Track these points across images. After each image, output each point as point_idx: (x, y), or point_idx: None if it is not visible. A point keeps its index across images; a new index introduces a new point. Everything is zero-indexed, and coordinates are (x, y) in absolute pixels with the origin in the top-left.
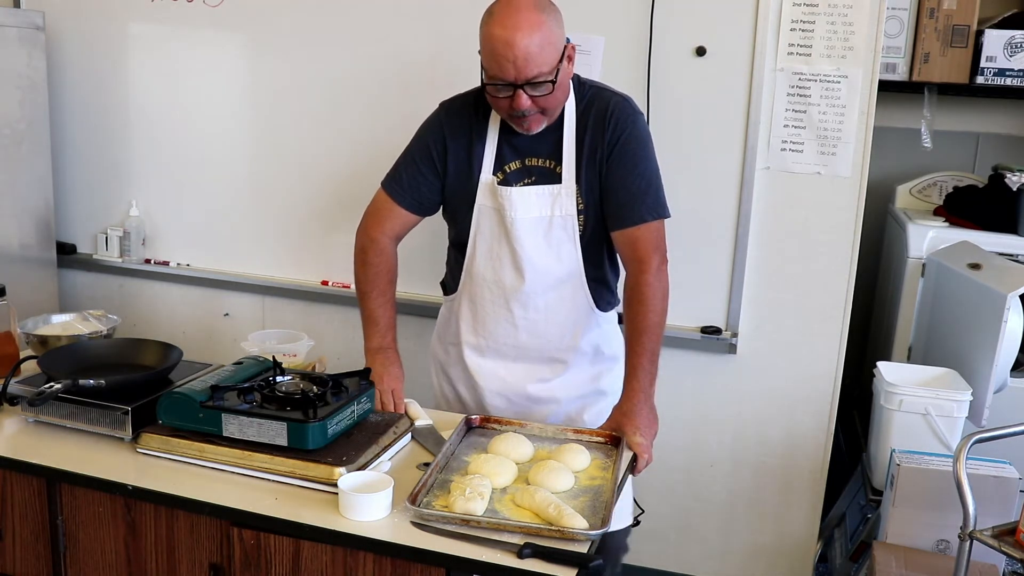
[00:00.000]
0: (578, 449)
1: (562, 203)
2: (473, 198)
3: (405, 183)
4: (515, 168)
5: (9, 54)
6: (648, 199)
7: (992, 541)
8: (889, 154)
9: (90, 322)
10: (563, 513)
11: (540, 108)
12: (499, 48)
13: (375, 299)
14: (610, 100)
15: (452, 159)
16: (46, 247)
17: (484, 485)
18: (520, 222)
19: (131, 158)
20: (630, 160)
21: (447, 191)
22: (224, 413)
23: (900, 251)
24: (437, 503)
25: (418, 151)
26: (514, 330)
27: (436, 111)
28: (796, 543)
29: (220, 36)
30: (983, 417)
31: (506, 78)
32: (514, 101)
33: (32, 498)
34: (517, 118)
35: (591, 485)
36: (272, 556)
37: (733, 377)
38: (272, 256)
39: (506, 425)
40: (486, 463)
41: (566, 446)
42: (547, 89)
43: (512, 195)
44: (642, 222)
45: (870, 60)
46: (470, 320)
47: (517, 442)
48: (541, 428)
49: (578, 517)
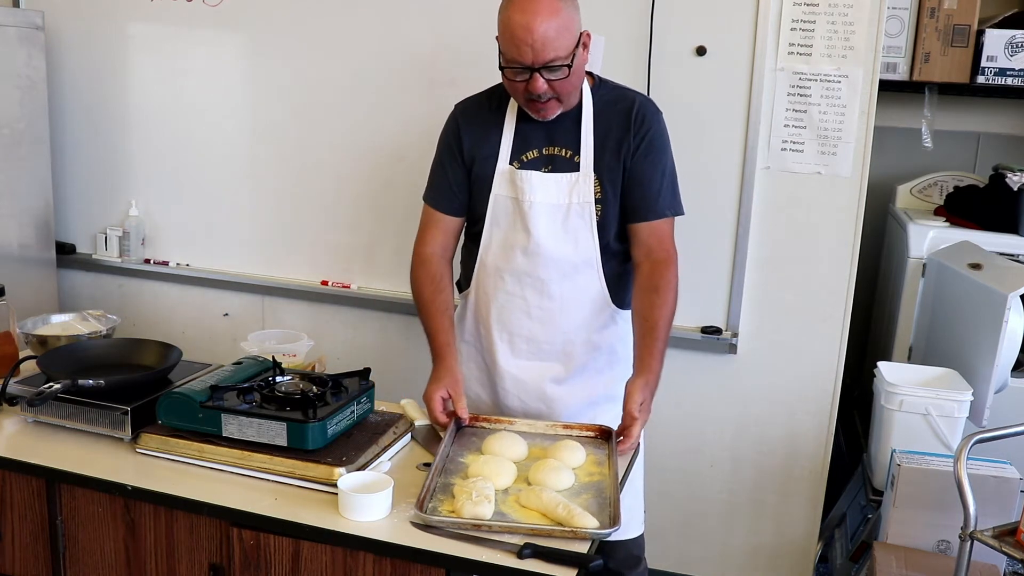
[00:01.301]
0: (573, 446)
1: (580, 190)
2: (490, 188)
3: (442, 188)
4: (532, 157)
5: (8, 54)
6: (669, 195)
7: (993, 541)
8: (889, 154)
9: (89, 322)
10: (573, 513)
11: (556, 93)
12: (518, 32)
13: (425, 313)
14: (635, 98)
15: (470, 151)
16: (46, 247)
17: (487, 488)
18: (538, 207)
19: (131, 158)
20: (656, 156)
21: (469, 182)
22: (224, 413)
23: (900, 251)
24: (443, 508)
25: (443, 154)
26: (528, 320)
27: (451, 113)
28: (796, 543)
29: (220, 36)
30: (984, 417)
31: (524, 61)
32: (530, 85)
33: (32, 498)
34: (533, 103)
35: (591, 481)
36: (272, 556)
37: (733, 377)
38: (272, 256)
39: (495, 423)
40: (485, 464)
41: (561, 443)
42: (563, 73)
43: (532, 179)
44: (663, 216)
45: (870, 60)
46: (484, 312)
47: (511, 441)
48: (531, 425)
49: (588, 516)
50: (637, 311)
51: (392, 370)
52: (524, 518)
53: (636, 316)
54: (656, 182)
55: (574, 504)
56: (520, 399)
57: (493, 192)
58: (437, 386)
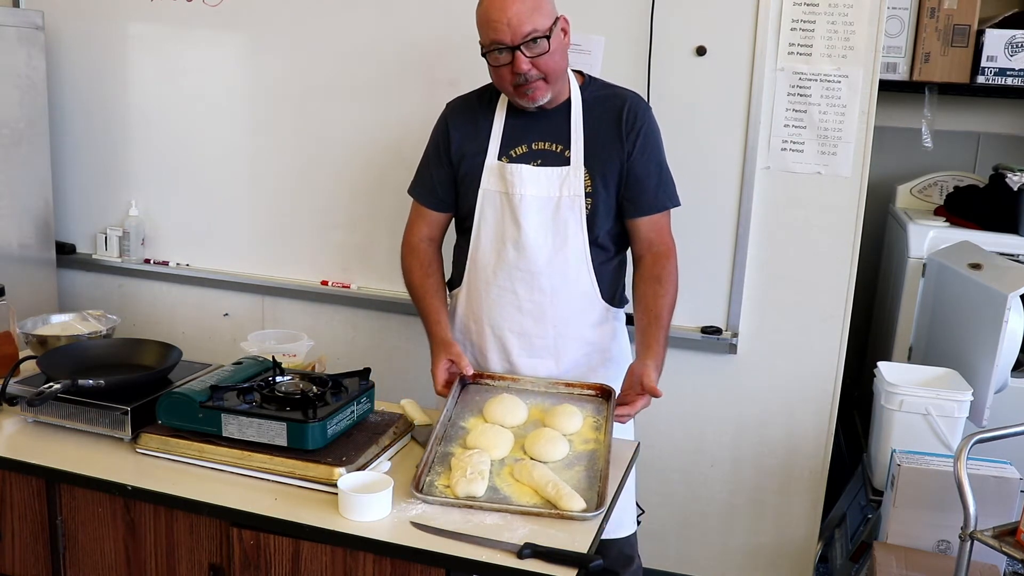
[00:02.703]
0: (571, 411)
1: (570, 183)
2: (479, 183)
3: (425, 184)
4: (521, 152)
5: (8, 54)
6: (666, 188)
7: (993, 541)
8: (889, 154)
9: (89, 322)
10: (561, 493)
11: (541, 73)
12: (493, 13)
13: (417, 296)
14: (625, 95)
15: (457, 148)
16: (45, 247)
17: (483, 462)
18: (528, 199)
19: (130, 158)
20: (650, 152)
21: (456, 179)
22: (224, 413)
23: (900, 251)
24: (440, 482)
25: (430, 151)
26: (519, 314)
27: (443, 111)
28: (796, 543)
29: (220, 36)
30: (984, 417)
31: (503, 40)
32: (514, 65)
33: (32, 498)
34: (520, 88)
35: (585, 450)
36: (272, 556)
37: (733, 377)
38: (272, 256)
39: (499, 380)
40: (483, 435)
41: (559, 408)
42: (543, 48)
43: (522, 172)
44: (663, 209)
45: (870, 60)
46: (475, 308)
47: (512, 406)
48: (533, 382)
49: (576, 498)
50: (640, 301)
51: (392, 370)
52: (517, 494)
53: (639, 306)
54: (653, 177)
55: (563, 484)
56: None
57: (482, 187)
58: (438, 358)
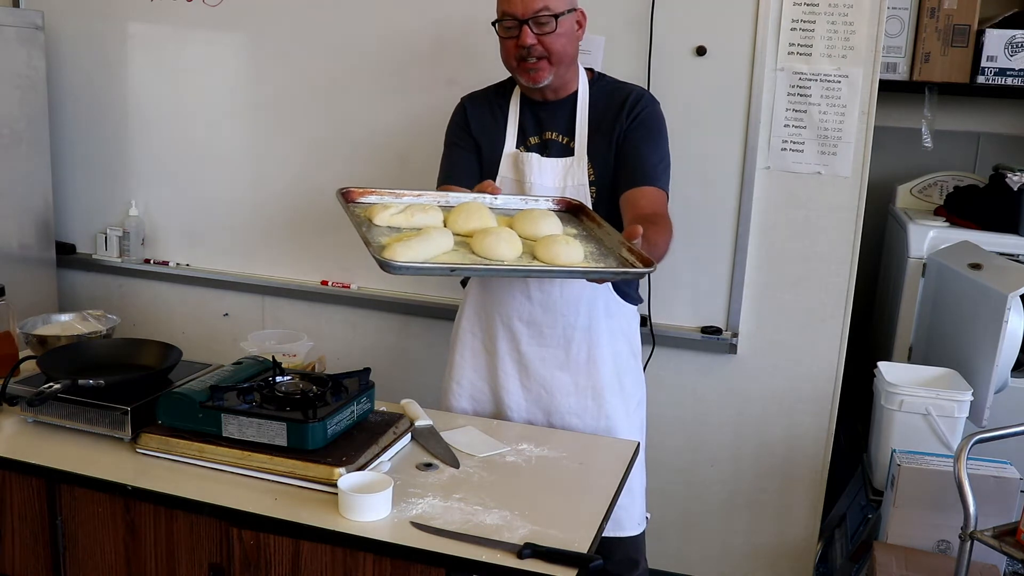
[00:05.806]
0: (543, 215)
1: (574, 173)
2: (496, 172)
3: (456, 166)
4: (535, 143)
5: (8, 54)
6: (661, 170)
7: (993, 541)
8: (889, 154)
9: (89, 322)
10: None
11: (545, 52)
12: None
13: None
14: (633, 88)
15: (477, 136)
16: (45, 247)
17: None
18: (538, 189)
19: (130, 158)
20: (648, 133)
21: (480, 165)
22: (224, 413)
23: (901, 251)
24: (393, 242)
25: (453, 137)
26: (528, 303)
27: (459, 103)
28: (796, 543)
29: (219, 36)
30: (984, 417)
31: (514, 12)
32: (520, 38)
33: (32, 498)
34: (523, 63)
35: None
36: (272, 556)
37: (733, 377)
38: (272, 256)
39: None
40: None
41: (528, 212)
42: (551, 27)
43: (533, 160)
44: (656, 183)
45: (870, 60)
46: (486, 298)
47: (477, 214)
48: (504, 200)
49: (576, 246)
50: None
51: (392, 370)
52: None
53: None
54: (651, 157)
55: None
56: (521, 384)
57: (500, 175)
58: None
